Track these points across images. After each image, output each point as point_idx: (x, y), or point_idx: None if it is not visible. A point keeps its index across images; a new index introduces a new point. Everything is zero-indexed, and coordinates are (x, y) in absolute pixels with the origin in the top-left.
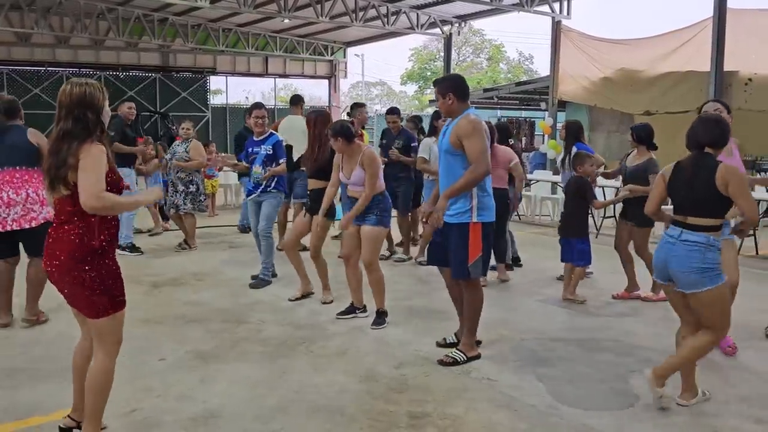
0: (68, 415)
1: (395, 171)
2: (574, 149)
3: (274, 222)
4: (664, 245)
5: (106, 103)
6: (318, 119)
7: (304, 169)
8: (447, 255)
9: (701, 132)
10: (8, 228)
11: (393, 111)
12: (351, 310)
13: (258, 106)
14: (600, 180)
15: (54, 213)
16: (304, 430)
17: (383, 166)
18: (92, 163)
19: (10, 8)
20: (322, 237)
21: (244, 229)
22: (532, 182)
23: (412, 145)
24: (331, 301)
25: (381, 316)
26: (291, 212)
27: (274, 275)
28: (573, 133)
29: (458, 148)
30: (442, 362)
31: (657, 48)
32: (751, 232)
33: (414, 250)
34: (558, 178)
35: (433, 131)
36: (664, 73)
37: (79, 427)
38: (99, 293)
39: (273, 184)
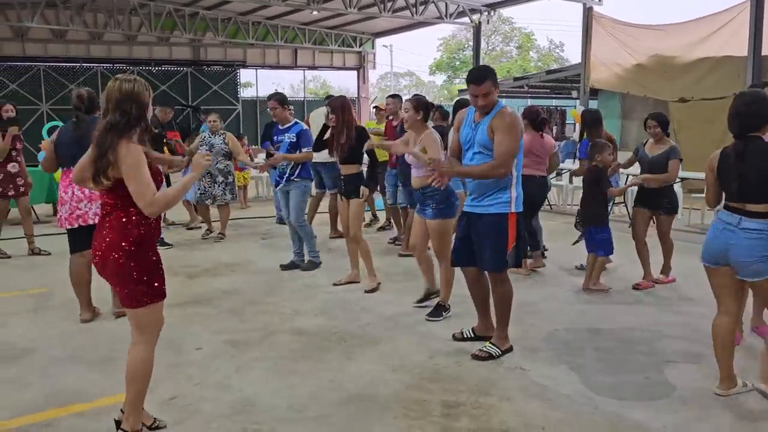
0: (122, 409)
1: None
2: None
3: (305, 211)
4: (722, 232)
5: (150, 101)
6: (344, 106)
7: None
8: (474, 252)
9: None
10: (74, 225)
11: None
12: (427, 298)
13: (270, 97)
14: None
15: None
16: (339, 418)
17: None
18: (138, 168)
19: (46, 6)
20: (359, 220)
21: (281, 220)
22: (563, 171)
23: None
24: (375, 290)
25: (439, 310)
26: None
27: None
28: (588, 123)
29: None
30: (476, 357)
31: (692, 33)
32: None
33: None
34: None
35: None
36: (699, 59)
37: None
38: (138, 283)
39: (297, 173)
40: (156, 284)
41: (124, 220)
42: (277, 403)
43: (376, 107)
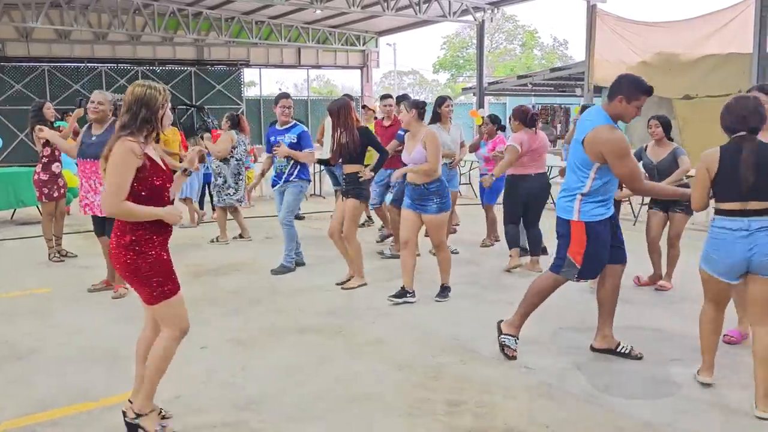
0: (129, 399)
1: None
2: None
3: (297, 211)
4: (738, 240)
5: (168, 105)
6: (342, 108)
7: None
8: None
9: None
10: (87, 213)
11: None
12: (402, 293)
13: (284, 96)
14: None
15: None
16: (344, 416)
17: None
18: (115, 164)
19: (50, 6)
20: (355, 219)
21: (297, 217)
22: None
23: None
24: (353, 287)
25: (445, 291)
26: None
27: (300, 264)
28: None
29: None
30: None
31: (697, 30)
32: None
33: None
34: None
35: (438, 117)
36: (704, 56)
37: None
38: (140, 282)
39: (296, 173)
40: (161, 283)
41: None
42: (282, 402)
43: (364, 106)
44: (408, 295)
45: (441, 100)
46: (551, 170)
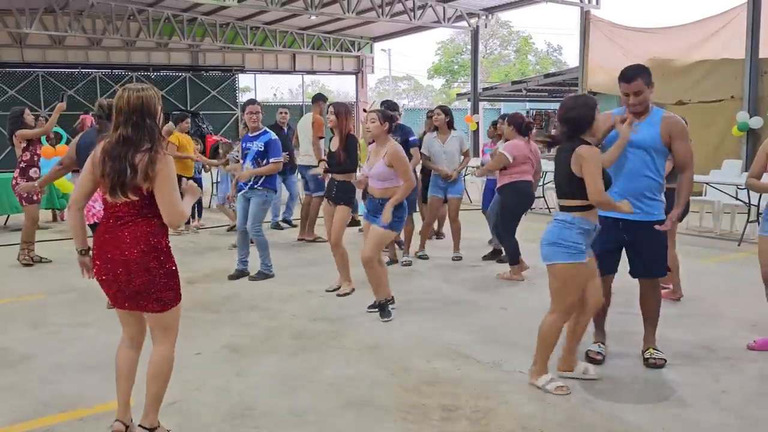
0: (118, 419)
1: None
2: None
3: (264, 220)
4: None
5: (160, 107)
6: (347, 113)
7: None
8: (616, 261)
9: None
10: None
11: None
12: (383, 305)
13: (251, 102)
14: None
15: (105, 214)
16: (339, 422)
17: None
18: (174, 180)
19: (45, 12)
20: (342, 226)
21: (277, 225)
22: None
23: (410, 140)
24: (348, 293)
25: (384, 308)
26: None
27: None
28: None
29: (666, 145)
30: (653, 365)
31: (690, 36)
32: None
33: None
34: None
35: (435, 126)
36: (697, 62)
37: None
38: (168, 287)
39: (261, 182)
40: (179, 285)
41: (154, 227)
42: (276, 408)
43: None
44: (389, 304)
45: (431, 111)
46: (546, 175)
